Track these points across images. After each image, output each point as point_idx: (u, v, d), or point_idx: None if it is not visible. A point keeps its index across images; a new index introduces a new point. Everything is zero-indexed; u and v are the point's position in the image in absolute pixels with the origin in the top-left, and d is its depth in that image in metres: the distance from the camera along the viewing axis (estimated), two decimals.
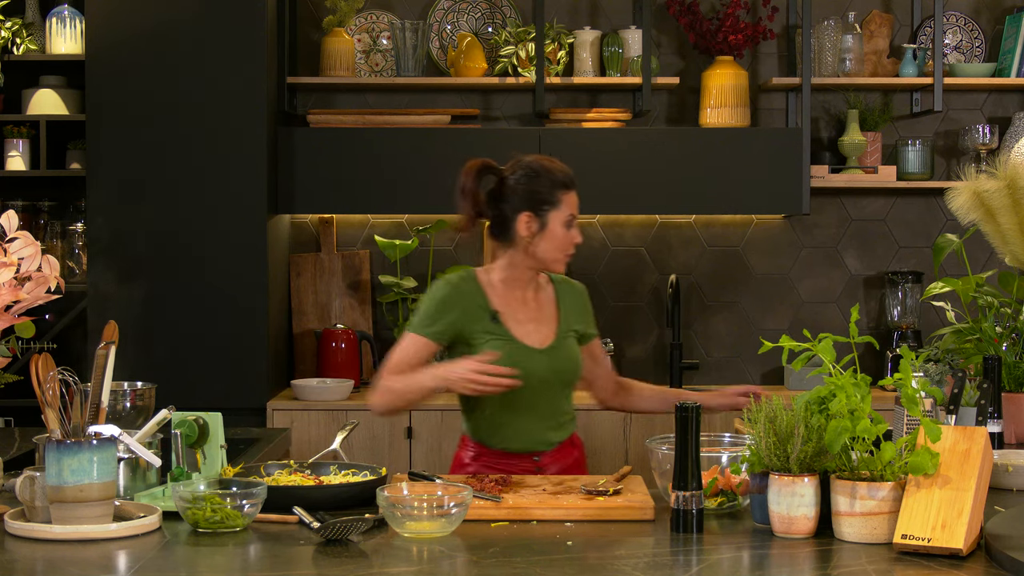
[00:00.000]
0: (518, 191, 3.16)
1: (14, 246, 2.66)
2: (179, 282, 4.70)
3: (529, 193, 3.15)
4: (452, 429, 4.68)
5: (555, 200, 3.16)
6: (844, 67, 5.09)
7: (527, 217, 3.15)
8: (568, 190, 3.18)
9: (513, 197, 3.17)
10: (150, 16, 4.70)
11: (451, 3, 5.27)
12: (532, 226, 3.15)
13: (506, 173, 3.21)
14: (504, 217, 3.17)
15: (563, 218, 3.16)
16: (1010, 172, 3.31)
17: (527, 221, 3.15)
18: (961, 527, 2.20)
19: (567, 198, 3.17)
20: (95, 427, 2.48)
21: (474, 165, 3.22)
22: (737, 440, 2.85)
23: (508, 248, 3.20)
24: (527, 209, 3.15)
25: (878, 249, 5.31)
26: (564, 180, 3.18)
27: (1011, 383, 3.27)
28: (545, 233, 3.15)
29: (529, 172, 3.18)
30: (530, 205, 3.15)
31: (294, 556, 2.30)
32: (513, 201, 3.17)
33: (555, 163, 3.22)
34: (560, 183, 3.17)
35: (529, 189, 3.16)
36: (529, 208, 3.15)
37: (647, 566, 2.21)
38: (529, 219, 3.15)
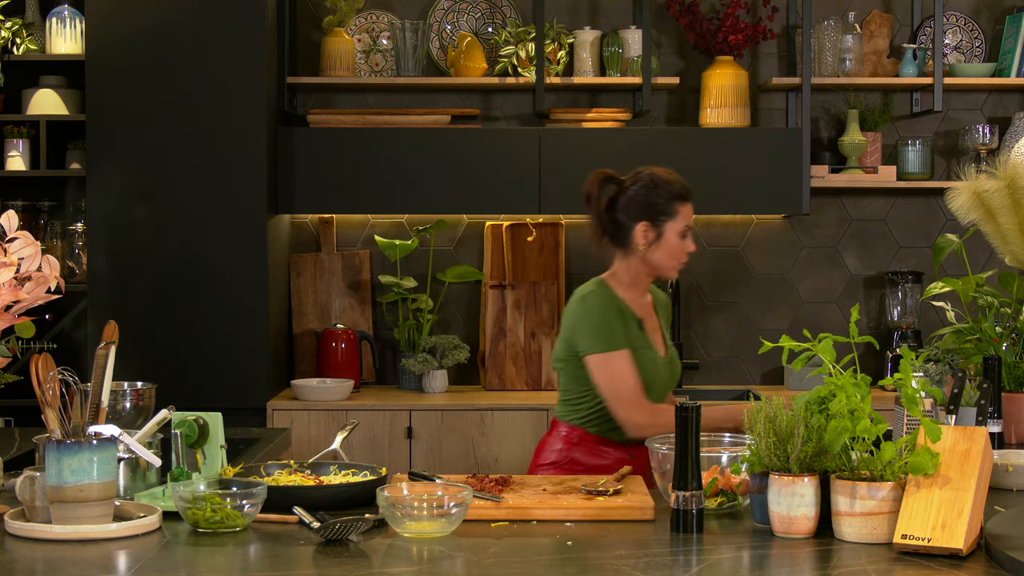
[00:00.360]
0: (637, 201, 3.30)
1: (14, 246, 2.66)
2: (179, 282, 4.70)
3: (647, 203, 3.29)
4: (452, 429, 4.69)
5: (672, 211, 3.29)
6: (844, 67, 5.09)
7: (644, 227, 3.29)
8: (684, 202, 3.31)
9: (631, 207, 3.30)
10: (150, 16, 4.70)
11: (451, 3, 5.27)
12: (649, 235, 3.29)
13: (626, 183, 3.33)
14: (622, 226, 3.31)
15: (679, 228, 3.29)
16: (1010, 172, 3.31)
17: (644, 230, 3.29)
18: (961, 527, 2.20)
19: (683, 209, 3.30)
20: (95, 427, 2.48)
21: (597, 175, 3.36)
22: (737, 440, 2.85)
23: (626, 256, 3.33)
24: (644, 219, 3.29)
25: (878, 249, 5.31)
26: (681, 192, 3.31)
27: (1011, 383, 3.27)
28: (661, 242, 3.29)
29: (648, 183, 3.31)
30: (648, 215, 3.29)
31: (294, 556, 2.30)
32: (631, 211, 3.30)
33: (673, 175, 3.34)
34: (677, 195, 3.30)
35: (647, 200, 3.29)
36: (646, 218, 3.28)
37: (647, 566, 2.21)
38: (646, 228, 3.29)
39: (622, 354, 3.22)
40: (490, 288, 5.10)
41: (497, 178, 4.93)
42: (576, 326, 3.26)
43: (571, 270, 5.26)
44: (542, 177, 4.93)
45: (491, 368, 5.05)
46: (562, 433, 3.32)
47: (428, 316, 5.10)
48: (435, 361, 4.95)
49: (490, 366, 5.05)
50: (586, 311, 3.25)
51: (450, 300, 5.27)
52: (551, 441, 3.34)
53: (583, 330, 3.24)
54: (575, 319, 3.27)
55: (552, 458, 3.30)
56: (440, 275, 5.16)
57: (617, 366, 3.21)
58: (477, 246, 5.26)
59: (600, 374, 3.21)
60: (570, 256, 5.26)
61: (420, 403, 4.74)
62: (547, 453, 3.33)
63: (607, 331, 3.22)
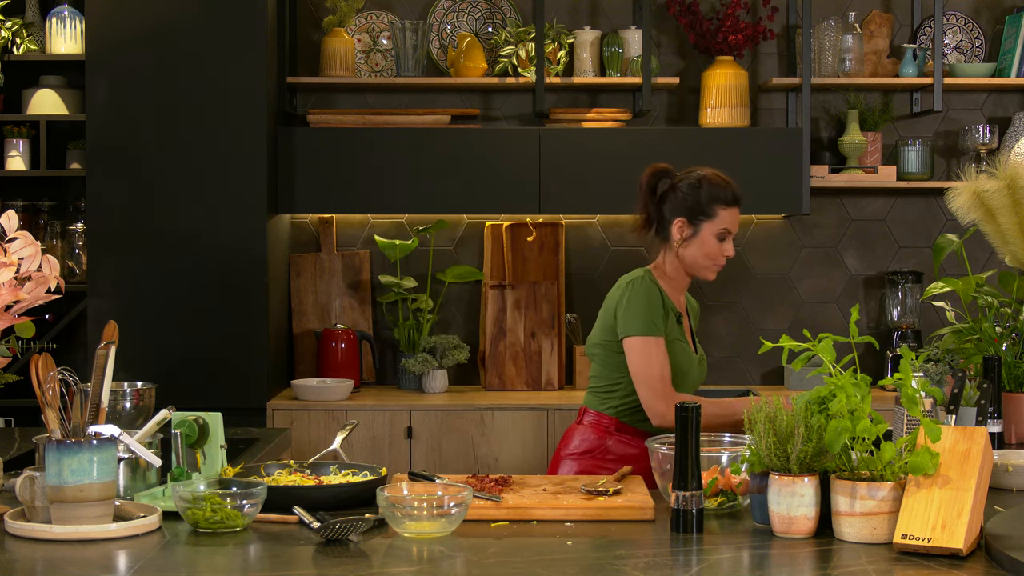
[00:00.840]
0: (680, 196, 3.36)
1: (14, 246, 2.66)
2: (179, 282, 4.70)
3: (689, 200, 3.35)
4: (452, 429, 4.69)
5: (711, 212, 3.34)
6: (844, 67, 5.09)
7: (681, 222, 3.35)
8: (728, 207, 3.36)
9: (676, 202, 3.36)
10: (150, 16, 4.70)
11: (451, 3, 5.27)
12: (685, 231, 3.35)
13: (677, 179, 3.39)
14: (663, 218, 3.38)
15: (716, 230, 3.35)
16: (1010, 172, 3.31)
17: (680, 226, 3.35)
18: (961, 527, 2.20)
19: (724, 213, 3.35)
20: (95, 427, 2.48)
21: (653, 168, 3.42)
22: (737, 440, 2.85)
23: (667, 251, 3.39)
24: (683, 215, 3.35)
25: (878, 249, 5.31)
26: (726, 197, 3.36)
27: (1011, 383, 3.26)
28: (695, 241, 3.35)
29: (695, 182, 3.36)
30: (686, 211, 3.35)
31: (294, 556, 2.30)
32: (674, 205, 3.36)
33: (723, 178, 3.39)
34: (721, 198, 3.35)
35: (691, 197, 3.35)
36: (685, 214, 3.35)
37: (647, 566, 2.21)
38: (683, 224, 3.35)
39: (659, 341, 3.26)
40: (490, 288, 5.10)
41: (497, 178, 4.93)
42: (620, 309, 3.30)
43: (571, 270, 5.26)
44: (542, 177, 4.93)
45: (491, 368, 5.05)
46: (593, 421, 3.35)
47: (428, 316, 5.10)
48: (435, 361, 4.95)
49: (490, 366, 5.05)
50: (632, 295, 3.30)
51: (450, 300, 5.27)
52: (581, 430, 3.36)
53: (627, 313, 3.28)
54: (620, 302, 3.31)
55: (584, 447, 3.32)
56: (440, 275, 5.16)
57: (653, 351, 3.24)
58: (477, 246, 5.26)
59: (636, 356, 3.25)
60: (570, 256, 5.26)
61: (420, 403, 4.74)
62: (578, 442, 3.35)
63: (649, 316, 3.26)
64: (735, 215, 3.38)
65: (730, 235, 3.37)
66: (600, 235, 5.27)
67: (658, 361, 3.24)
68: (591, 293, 5.27)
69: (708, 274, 3.40)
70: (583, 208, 5.03)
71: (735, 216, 3.38)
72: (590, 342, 3.40)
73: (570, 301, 5.25)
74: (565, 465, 3.31)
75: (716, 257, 3.36)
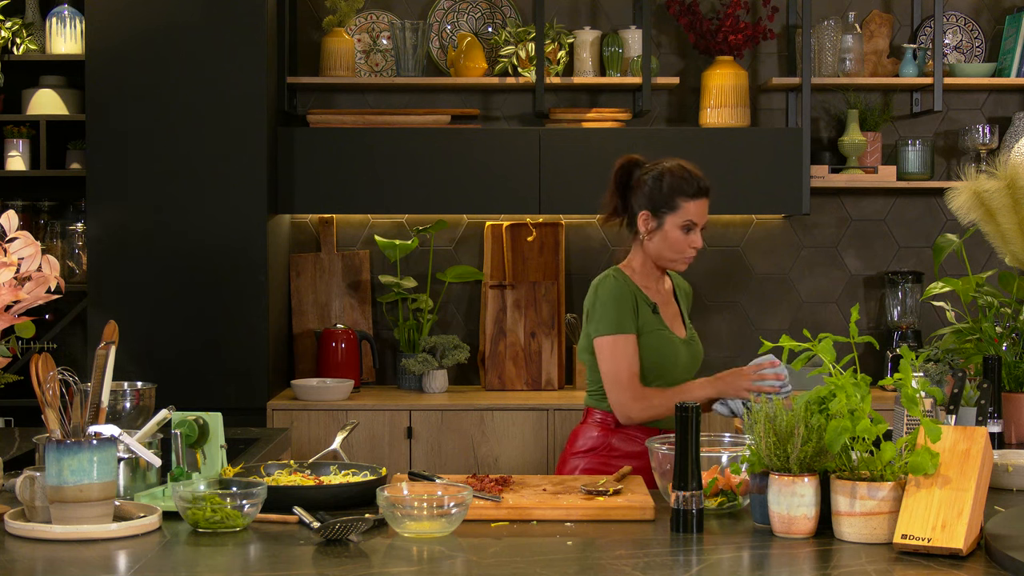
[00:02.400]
0: (644, 189, 3.35)
1: (14, 246, 2.66)
2: (179, 282, 4.70)
3: (652, 193, 3.34)
4: (452, 429, 4.69)
5: (674, 205, 3.32)
6: (844, 67, 5.09)
7: (645, 215, 3.35)
8: (690, 199, 3.32)
9: (639, 194, 3.36)
10: (150, 16, 4.70)
11: (451, 3, 5.27)
12: (649, 224, 3.35)
13: (643, 172, 3.38)
14: (629, 211, 3.38)
15: (679, 222, 3.33)
16: (1010, 172, 3.31)
17: (645, 219, 3.35)
18: (961, 527, 2.20)
19: (688, 205, 3.32)
20: (95, 427, 2.48)
21: (623, 160, 3.42)
22: (737, 440, 2.85)
23: (636, 244, 3.40)
24: (647, 208, 3.34)
25: (878, 249, 5.31)
26: (688, 189, 3.33)
27: (1011, 383, 3.27)
28: (659, 233, 3.34)
29: (658, 174, 3.35)
30: (650, 204, 3.34)
31: (294, 556, 2.30)
32: (639, 198, 3.36)
33: (687, 170, 3.36)
34: (683, 190, 3.33)
35: (653, 190, 3.34)
36: (648, 207, 3.34)
37: (647, 566, 2.21)
38: (647, 217, 3.35)
39: (627, 339, 3.26)
40: (490, 288, 5.10)
41: (497, 178, 4.93)
42: (590, 311, 3.33)
43: (571, 270, 5.26)
44: (542, 177, 4.93)
45: (491, 368, 5.05)
46: (597, 420, 3.35)
47: (428, 316, 5.10)
48: (435, 361, 4.95)
49: (490, 366, 5.05)
50: (599, 296, 3.32)
51: (450, 300, 5.27)
52: (586, 429, 3.38)
53: (595, 314, 3.31)
54: (590, 305, 3.34)
55: (589, 444, 3.33)
56: (440, 275, 5.16)
57: (620, 350, 3.25)
58: (477, 246, 5.26)
59: (604, 356, 3.27)
60: (570, 256, 5.26)
61: (420, 403, 4.74)
62: (583, 440, 3.36)
63: (615, 315, 3.27)
64: (701, 206, 3.34)
65: (696, 227, 3.34)
66: (600, 235, 5.26)
67: (625, 360, 3.25)
68: None
69: (676, 266, 3.39)
70: (583, 208, 5.02)
71: (701, 208, 3.34)
72: (580, 348, 3.42)
73: (570, 301, 5.25)
74: (572, 463, 3.32)
75: (682, 249, 3.34)
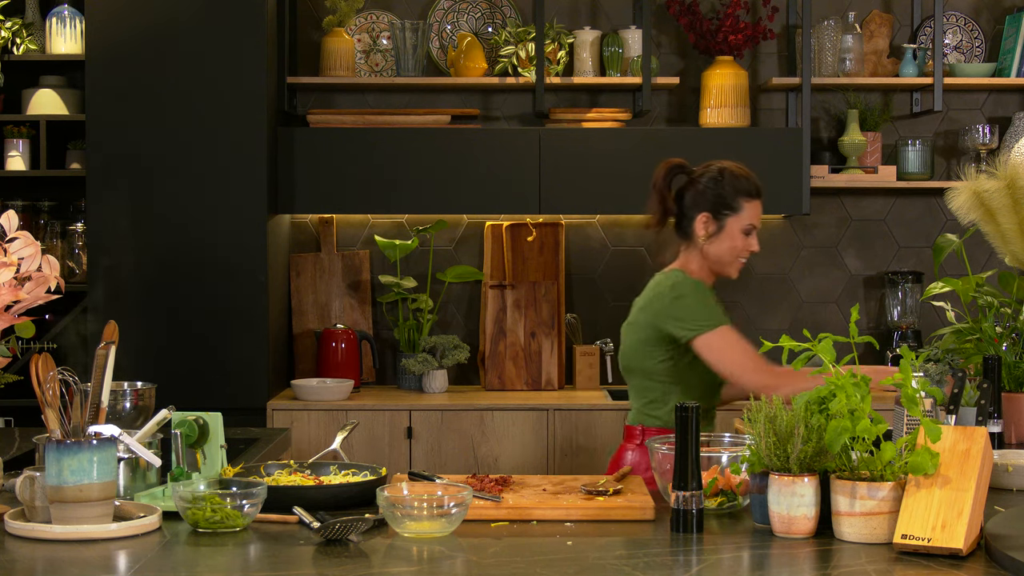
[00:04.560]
0: (703, 192, 3.28)
1: (14, 246, 2.66)
2: (179, 281, 4.71)
3: (712, 195, 3.27)
4: (452, 429, 4.69)
5: (736, 206, 3.27)
6: (844, 67, 5.09)
7: (705, 217, 3.27)
8: (752, 199, 3.28)
9: (697, 197, 3.29)
10: (150, 16, 4.70)
11: (451, 3, 5.27)
12: (709, 227, 3.27)
13: (696, 174, 3.31)
14: (685, 215, 3.30)
15: (742, 225, 3.27)
16: (1010, 172, 3.31)
17: (704, 221, 3.27)
18: (961, 527, 2.20)
19: (749, 206, 3.28)
20: (95, 427, 2.48)
21: (667, 164, 3.34)
22: (737, 440, 2.85)
23: (689, 248, 3.32)
24: (707, 210, 3.27)
25: (878, 249, 5.31)
26: (749, 188, 3.28)
27: (1011, 383, 3.26)
28: (721, 236, 3.27)
29: (716, 175, 3.28)
30: (711, 206, 3.27)
31: (294, 556, 2.29)
32: (696, 201, 3.28)
33: (744, 171, 3.31)
34: (744, 191, 3.28)
35: (713, 192, 3.27)
36: (709, 209, 3.27)
37: (647, 566, 2.21)
38: (707, 220, 3.27)
39: (731, 327, 3.18)
40: (490, 288, 5.09)
41: (497, 178, 4.93)
42: (671, 314, 3.20)
43: (571, 270, 5.26)
44: (542, 177, 4.93)
45: (491, 368, 5.05)
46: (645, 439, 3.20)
47: (428, 316, 5.10)
48: (435, 361, 4.95)
49: (490, 366, 5.05)
50: (680, 296, 3.21)
51: (450, 300, 5.27)
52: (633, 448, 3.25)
53: (683, 316, 3.18)
54: (668, 308, 3.21)
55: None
56: (440, 275, 5.16)
57: (730, 338, 3.16)
58: (477, 246, 5.26)
59: (716, 352, 3.15)
60: (570, 256, 5.26)
61: (420, 403, 4.74)
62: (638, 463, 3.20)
63: (710, 309, 3.20)
64: (758, 208, 3.29)
65: (755, 229, 3.29)
66: (600, 235, 5.26)
67: (740, 345, 3.14)
68: (591, 293, 5.27)
69: (732, 271, 3.31)
70: (583, 208, 5.03)
71: (759, 209, 3.29)
72: (626, 358, 3.30)
73: (570, 301, 5.25)
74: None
75: (741, 253, 3.29)
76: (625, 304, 5.30)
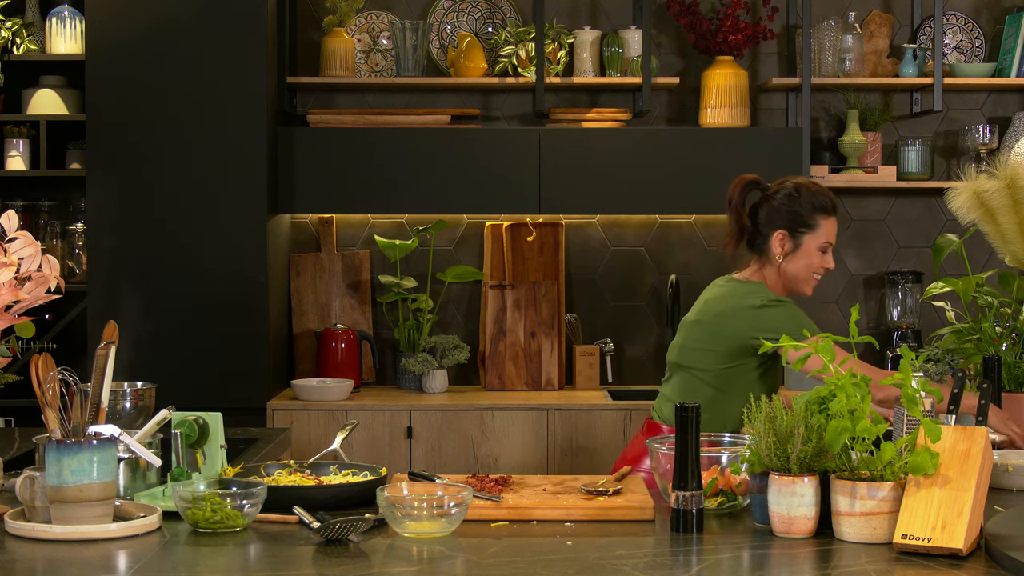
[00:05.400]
0: (778, 209, 3.27)
1: (14, 246, 2.66)
2: (179, 282, 4.70)
3: (789, 213, 3.26)
4: (452, 429, 4.69)
5: (813, 223, 3.26)
6: (844, 67, 5.09)
7: (781, 235, 3.26)
8: (828, 216, 3.27)
9: (773, 214, 3.27)
10: (150, 16, 4.70)
11: (451, 3, 5.27)
12: (786, 245, 3.26)
13: (771, 190, 3.30)
14: (760, 232, 3.28)
15: (819, 242, 3.27)
16: (1010, 172, 3.31)
17: (781, 239, 3.27)
18: (961, 527, 2.20)
19: (826, 223, 3.27)
20: (95, 427, 2.48)
21: (742, 180, 3.32)
22: (737, 440, 2.85)
23: (763, 266, 3.30)
24: (783, 227, 3.26)
25: (878, 249, 5.31)
26: (825, 205, 3.27)
27: (1011, 383, 3.26)
28: (798, 253, 3.27)
29: (792, 192, 3.27)
30: (787, 224, 3.26)
31: (294, 556, 2.30)
32: (772, 218, 3.27)
33: (819, 187, 3.30)
34: (821, 207, 3.26)
35: (790, 209, 3.26)
36: (786, 227, 3.26)
37: (647, 566, 2.21)
38: (783, 237, 3.26)
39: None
40: (490, 288, 5.09)
41: (497, 178, 4.93)
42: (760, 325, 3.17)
43: (571, 270, 5.26)
44: (542, 177, 4.93)
45: (491, 368, 5.05)
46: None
47: (428, 316, 5.10)
48: (435, 361, 4.95)
49: (490, 366, 5.05)
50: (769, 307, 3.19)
51: (450, 300, 5.27)
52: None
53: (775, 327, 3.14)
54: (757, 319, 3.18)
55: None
56: (440, 275, 5.16)
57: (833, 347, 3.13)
58: (477, 246, 5.26)
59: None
60: (570, 256, 5.26)
61: (420, 403, 4.74)
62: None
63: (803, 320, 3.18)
64: (834, 225, 3.29)
65: (831, 246, 3.28)
66: (600, 235, 5.26)
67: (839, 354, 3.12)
68: (591, 293, 5.27)
69: (807, 288, 3.30)
70: (583, 208, 5.03)
71: (834, 226, 3.29)
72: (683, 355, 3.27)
73: (570, 301, 5.25)
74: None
75: (816, 270, 3.28)
76: (625, 304, 5.33)
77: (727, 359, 3.25)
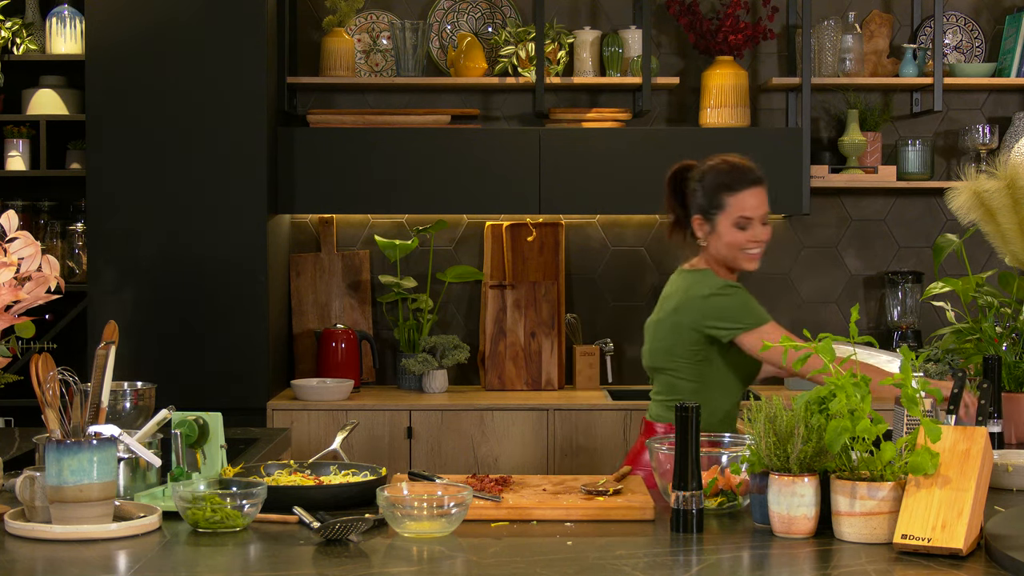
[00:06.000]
0: (694, 193, 3.26)
1: (14, 246, 2.66)
2: (179, 282, 4.70)
3: (700, 197, 3.24)
4: (452, 429, 4.69)
5: (720, 203, 3.22)
6: (844, 67, 5.09)
7: (699, 220, 3.26)
8: (734, 192, 3.20)
9: (691, 199, 3.27)
10: (150, 16, 4.70)
11: (451, 3, 5.27)
12: (704, 228, 3.25)
13: (691, 176, 3.28)
14: (684, 220, 3.29)
15: (732, 220, 3.21)
16: (1010, 172, 3.31)
17: (700, 223, 3.26)
18: (961, 527, 2.20)
19: (734, 200, 3.20)
20: (95, 427, 2.48)
21: (674, 168, 3.31)
22: (737, 440, 2.85)
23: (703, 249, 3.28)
24: (697, 212, 3.25)
25: (878, 249, 5.31)
26: (730, 182, 3.21)
27: (1011, 383, 3.26)
28: (715, 235, 3.23)
29: (700, 175, 3.25)
30: (700, 208, 3.24)
31: (294, 556, 2.30)
32: (690, 203, 3.27)
33: (733, 163, 3.25)
34: (725, 185, 3.21)
35: (700, 193, 3.24)
36: (699, 211, 3.25)
37: (647, 566, 2.21)
38: (701, 222, 3.25)
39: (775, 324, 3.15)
40: (490, 288, 5.10)
41: (497, 178, 4.93)
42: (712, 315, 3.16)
43: (571, 270, 5.26)
44: (542, 177, 4.93)
45: (491, 368, 5.05)
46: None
47: (428, 316, 5.10)
48: (435, 361, 4.95)
49: (490, 366, 5.05)
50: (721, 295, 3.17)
51: (450, 300, 5.27)
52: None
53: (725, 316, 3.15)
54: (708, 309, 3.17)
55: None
56: (440, 275, 5.16)
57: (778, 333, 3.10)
58: (477, 246, 5.26)
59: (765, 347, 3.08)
60: (570, 256, 5.26)
61: (420, 403, 4.74)
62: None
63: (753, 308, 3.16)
64: (751, 198, 3.19)
65: (751, 220, 3.19)
66: (600, 235, 5.27)
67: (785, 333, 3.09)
68: (591, 293, 5.27)
69: (743, 264, 3.24)
70: (583, 208, 5.03)
71: (752, 199, 3.19)
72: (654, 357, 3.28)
73: (570, 301, 5.25)
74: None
75: (742, 246, 3.20)
76: (625, 304, 5.33)
77: (692, 353, 3.22)
